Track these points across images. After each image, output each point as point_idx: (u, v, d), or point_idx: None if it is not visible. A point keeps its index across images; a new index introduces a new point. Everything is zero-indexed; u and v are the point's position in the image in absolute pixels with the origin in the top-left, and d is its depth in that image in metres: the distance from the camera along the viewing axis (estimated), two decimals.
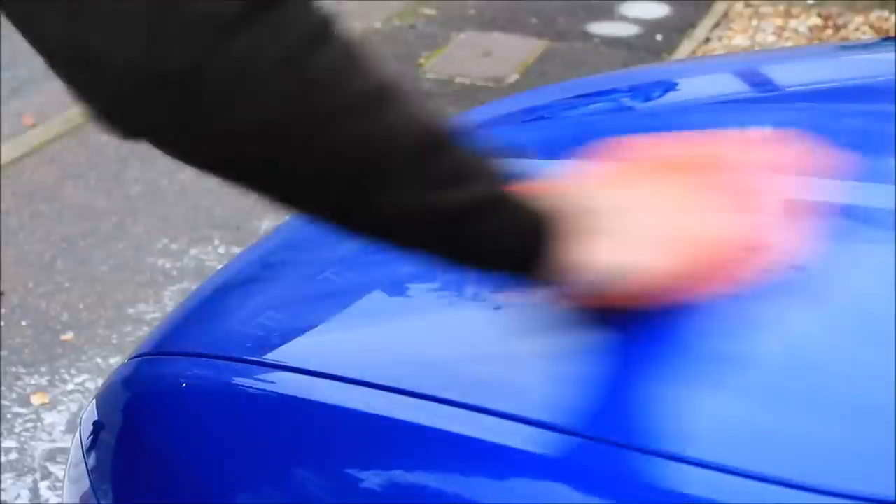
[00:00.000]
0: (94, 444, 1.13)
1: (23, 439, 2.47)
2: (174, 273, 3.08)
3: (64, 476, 1.21)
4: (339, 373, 0.92)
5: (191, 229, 3.30)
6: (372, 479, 0.86)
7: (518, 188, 0.79)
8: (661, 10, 4.93)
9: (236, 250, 3.16)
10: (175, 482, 0.97)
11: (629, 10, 4.95)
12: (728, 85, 1.57)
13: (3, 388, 2.63)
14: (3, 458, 2.41)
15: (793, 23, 4.80)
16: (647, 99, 1.54)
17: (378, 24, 4.88)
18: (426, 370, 0.90)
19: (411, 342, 0.96)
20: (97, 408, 1.14)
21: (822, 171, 0.93)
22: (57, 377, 2.67)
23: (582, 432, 0.79)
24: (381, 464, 0.85)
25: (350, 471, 0.87)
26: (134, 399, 1.09)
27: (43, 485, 2.34)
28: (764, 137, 0.97)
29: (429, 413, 0.85)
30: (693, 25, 4.77)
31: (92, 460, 1.12)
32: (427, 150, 0.75)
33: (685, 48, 4.53)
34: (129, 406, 1.09)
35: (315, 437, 0.89)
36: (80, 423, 1.18)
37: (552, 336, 0.86)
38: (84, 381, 2.65)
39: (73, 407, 2.57)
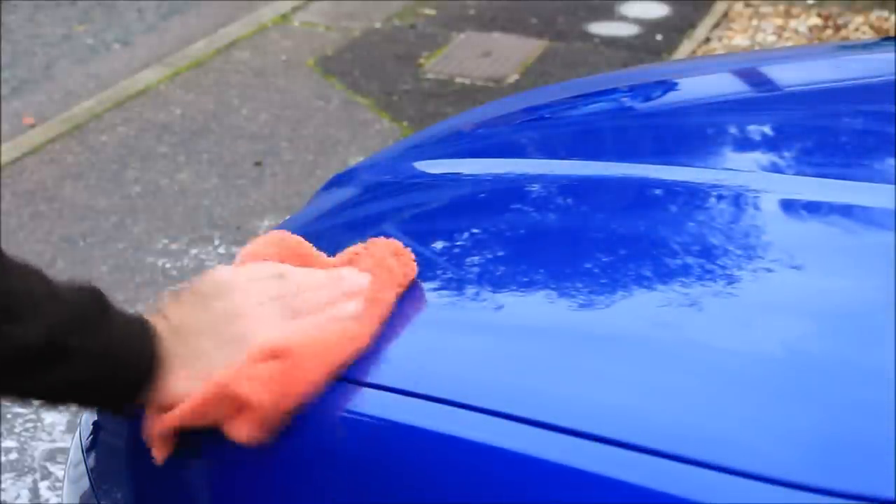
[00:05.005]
0: (94, 444, 1.13)
1: (23, 439, 2.47)
2: (174, 273, 3.09)
3: (64, 476, 1.21)
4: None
5: (191, 229, 3.30)
6: (370, 479, 0.86)
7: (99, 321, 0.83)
8: (661, 10, 4.93)
9: (236, 250, 3.15)
10: (174, 482, 0.96)
11: (629, 10, 4.96)
12: (728, 85, 1.57)
13: None
14: (3, 458, 2.41)
15: (793, 23, 4.80)
16: (647, 99, 1.54)
17: (378, 24, 4.88)
18: (425, 371, 0.90)
19: (411, 343, 0.96)
20: None
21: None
22: None
23: (582, 432, 0.79)
24: (381, 464, 0.85)
25: (351, 472, 0.87)
26: None
27: (43, 485, 2.34)
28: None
29: (428, 414, 0.85)
30: (693, 25, 4.77)
31: (92, 460, 1.12)
32: None
33: (685, 48, 4.53)
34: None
35: (314, 436, 0.88)
36: (80, 423, 1.18)
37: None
38: None
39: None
